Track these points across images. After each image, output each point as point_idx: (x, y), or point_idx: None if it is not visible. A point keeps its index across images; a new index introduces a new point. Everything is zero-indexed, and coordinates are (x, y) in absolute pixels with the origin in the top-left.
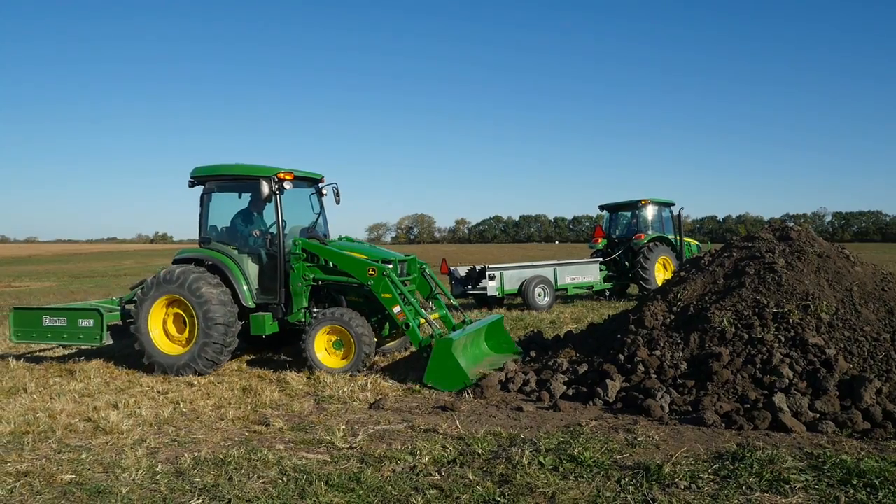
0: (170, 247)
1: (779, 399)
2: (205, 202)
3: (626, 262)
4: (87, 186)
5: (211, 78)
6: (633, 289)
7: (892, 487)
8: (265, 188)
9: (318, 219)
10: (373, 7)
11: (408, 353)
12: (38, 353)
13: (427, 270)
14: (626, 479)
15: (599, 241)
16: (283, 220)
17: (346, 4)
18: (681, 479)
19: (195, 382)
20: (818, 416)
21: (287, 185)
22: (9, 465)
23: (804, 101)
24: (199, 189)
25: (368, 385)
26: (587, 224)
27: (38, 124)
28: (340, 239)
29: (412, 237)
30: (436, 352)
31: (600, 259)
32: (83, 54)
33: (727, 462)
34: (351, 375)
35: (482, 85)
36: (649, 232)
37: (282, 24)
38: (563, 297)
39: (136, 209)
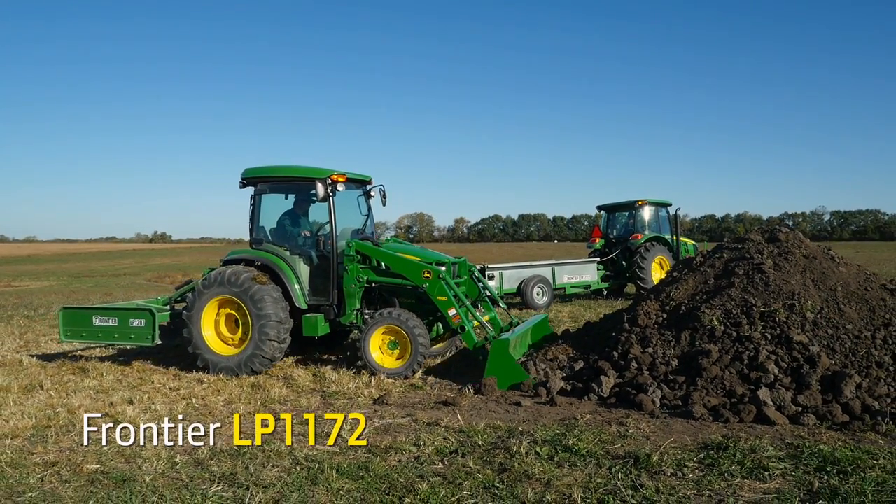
0: (169, 246)
1: (763, 393)
2: (256, 203)
3: (624, 262)
4: (86, 186)
5: (209, 78)
6: (631, 288)
7: (862, 474)
8: (321, 189)
9: (366, 221)
10: (370, 8)
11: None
12: (49, 352)
13: (476, 273)
14: (617, 467)
15: (597, 241)
16: (336, 222)
17: (342, 4)
18: (667, 467)
19: (205, 380)
20: (800, 409)
21: (340, 187)
22: (35, 456)
23: (803, 100)
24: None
25: (372, 382)
26: (586, 223)
27: (36, 123)
28: (388, 241)
29: (411, 236)
30: (493, 353)
31: (598, 259)
32: (82, 54)
33: (712, 451)
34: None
35: (481, 84)
36: (646, 232)
37: (277, 23)
38: (561, 296)
39: (135, 208)
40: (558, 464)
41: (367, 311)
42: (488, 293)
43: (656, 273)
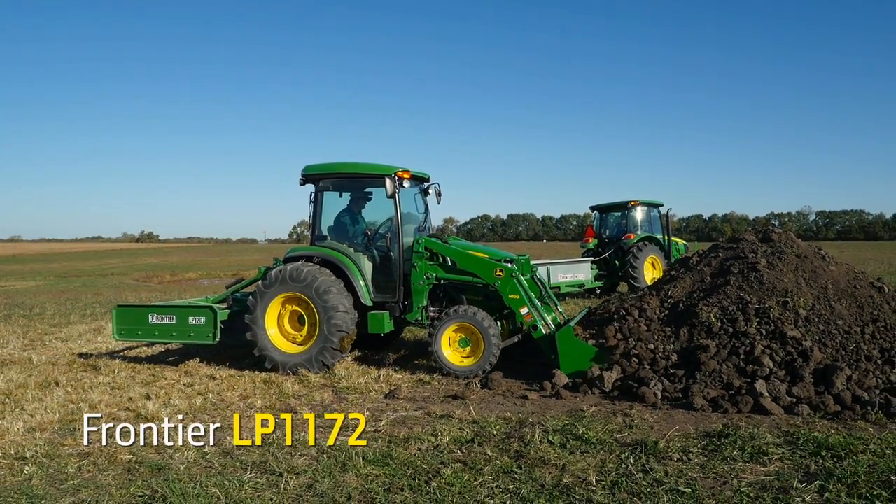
0: (156, 245)
1: (760, 386)
2: (318, 200)
3: (616, 262)
4: (72, 185)
5: (197, 79)
6: (623, 287)
7: (855, 458)
8: (390, 186)
9: (426, 218)
10: (359, 8)
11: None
12: (55, 350)
13: (537, 272)
14: (627, 454)
15: (590, 240)
16: (401, 219)
17: (336, 5)
18: (674, 453)
19: (217, 376)
20: (795, 400)
21: (406, 184)
22: (67, 447)
23: (789, 101)
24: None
25: (381, 377)
26: (574, 223)
27: (20, 123)
28: (450, 238)
29: None
30: (561, 342)
31: (591, 258)
32: (66, 53)
33: (714, 439)
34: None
35: (470, 85)
36: (638, 232)
37: (266, 25)
38: (555, 294)
39: (122, 208)
40: (571, 451)
41: (431, 309)
42: (547, 294)
43: (648, 272)
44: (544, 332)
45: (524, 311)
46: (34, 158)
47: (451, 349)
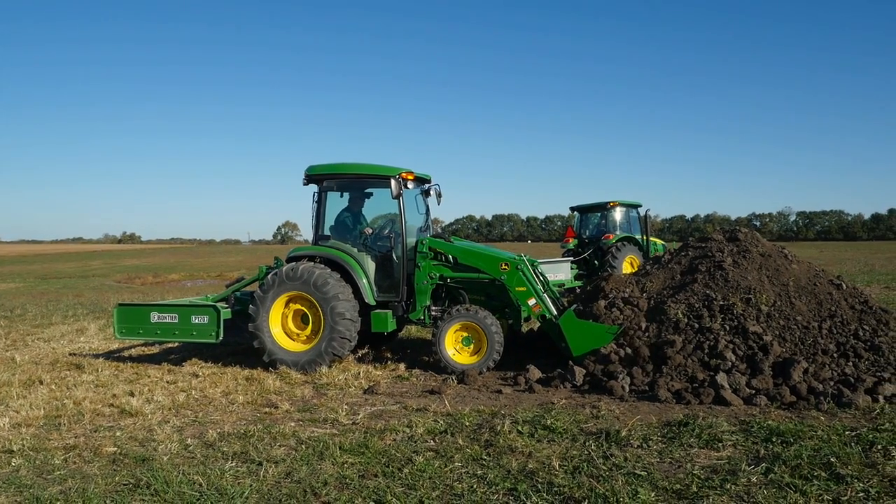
0: (138, 247)
1: (721, 378)
2: (321, 201)
3: (596, 261)
4: (52, 185)
5: (181, 81)
6: None
7: (802, 443)
8: (395, 187)
9: (427, 218)
10: (353, 8)
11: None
12: (38, 350)
13: (540, 269)
14: (590, 442)
15: (570, 240)
16: (405, 219)
17: (331, 6)
18: (634, 440)
19: (200, 373)
20: (754, 391)
21: (409, 185)
22: (53, 441)
23: (772, 103)
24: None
25: (361, 374)
26: (559, 223)
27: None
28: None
29: None
30: (566, 327)
31: (571, 258)
32: (47, 56)
33: (674, 427)
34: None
35: (456, 85)
36: (617, 232)
37: (252, 24)
38: None
39: (103, 209)
40: (538, 439)
41: (434, 308)
42: (549, 288)
43: (627, 271)
44: (553, 321)
45: (532, 301)
46: (14, 159)
47: (454, 348)
